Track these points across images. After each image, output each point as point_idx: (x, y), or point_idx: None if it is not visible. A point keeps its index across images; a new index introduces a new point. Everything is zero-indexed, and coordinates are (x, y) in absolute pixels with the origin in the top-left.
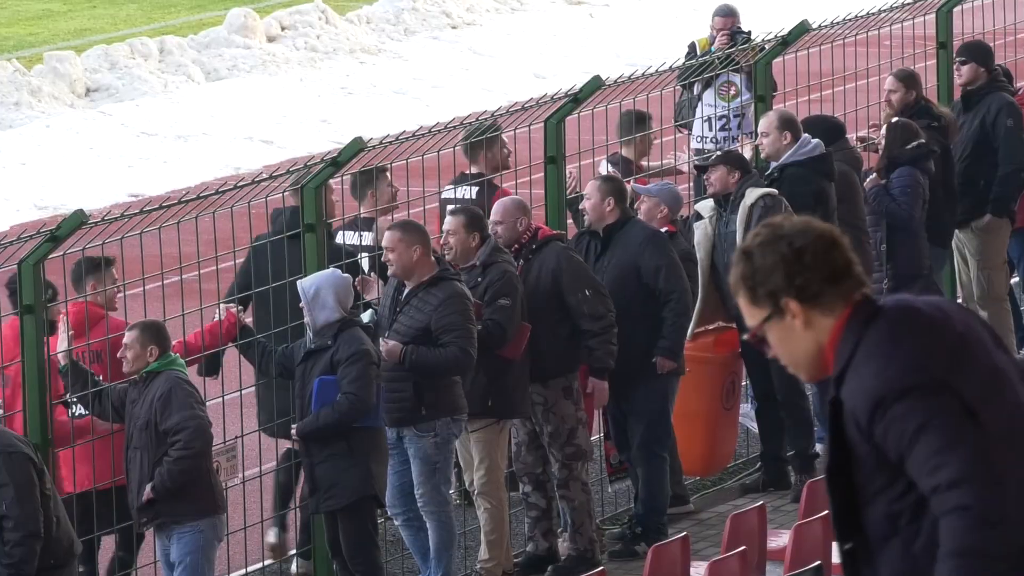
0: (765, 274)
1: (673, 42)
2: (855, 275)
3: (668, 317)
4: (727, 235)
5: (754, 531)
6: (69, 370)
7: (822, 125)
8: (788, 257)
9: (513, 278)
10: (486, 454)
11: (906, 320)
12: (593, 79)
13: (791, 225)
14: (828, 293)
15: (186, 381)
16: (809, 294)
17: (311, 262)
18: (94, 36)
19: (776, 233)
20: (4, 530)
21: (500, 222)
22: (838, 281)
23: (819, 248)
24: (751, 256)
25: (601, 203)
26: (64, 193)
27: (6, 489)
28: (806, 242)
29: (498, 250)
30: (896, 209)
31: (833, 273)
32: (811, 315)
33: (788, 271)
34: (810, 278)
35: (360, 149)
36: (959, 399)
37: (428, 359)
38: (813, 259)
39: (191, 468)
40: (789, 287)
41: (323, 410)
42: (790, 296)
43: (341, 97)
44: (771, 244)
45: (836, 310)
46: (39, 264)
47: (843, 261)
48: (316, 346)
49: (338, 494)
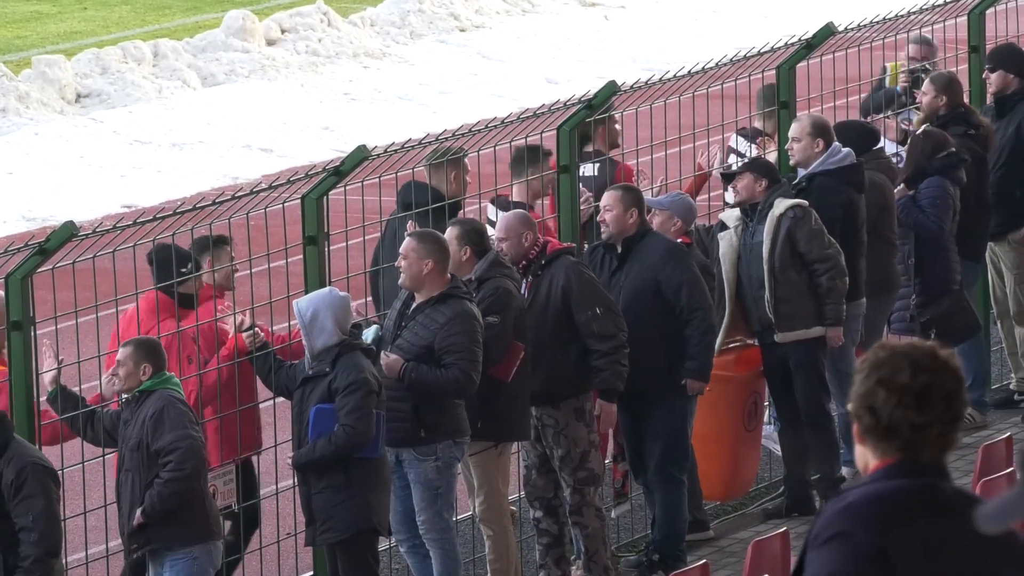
0: (857, 382)
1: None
2: (920, 442)
3: (694, 336)
4: (753, 246)
5: (777, 558)
6: (58, 395)
7: (854, 132)
8: (868, 388)
9: (505, 295)
10: (484, 480)
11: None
12: (608, 85)
13: (909, 365)
14: (872, 441)
15: (180, 400)
16: (860, 429)
17: (312, 278)
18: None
19: (890, 360)
20: (24, 544)
21: (504, 238)
22: (888, 439)
23: (896, 403)
24: (876, 358)
25: (624, 214)
26: (53, 204)
27: (35, 501)
28: (887, 390)
29: (497, 265)
30: (924, 221)
31: (888, 431)
32: (865, 444)
33: (859, 400)
34: (866, 419)
35: (364, 158)
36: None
37: (428, 379)
38: (883, 408)
39: (183, 491)
40: (855, 411)
41: (320, 441)
42: (854, 418)
43: (344, 103)
44: (878, 366)
45: (882, 459)
46: (27, 278)
47: (911, 426)
48: (314, 372)
49: (335, 527)
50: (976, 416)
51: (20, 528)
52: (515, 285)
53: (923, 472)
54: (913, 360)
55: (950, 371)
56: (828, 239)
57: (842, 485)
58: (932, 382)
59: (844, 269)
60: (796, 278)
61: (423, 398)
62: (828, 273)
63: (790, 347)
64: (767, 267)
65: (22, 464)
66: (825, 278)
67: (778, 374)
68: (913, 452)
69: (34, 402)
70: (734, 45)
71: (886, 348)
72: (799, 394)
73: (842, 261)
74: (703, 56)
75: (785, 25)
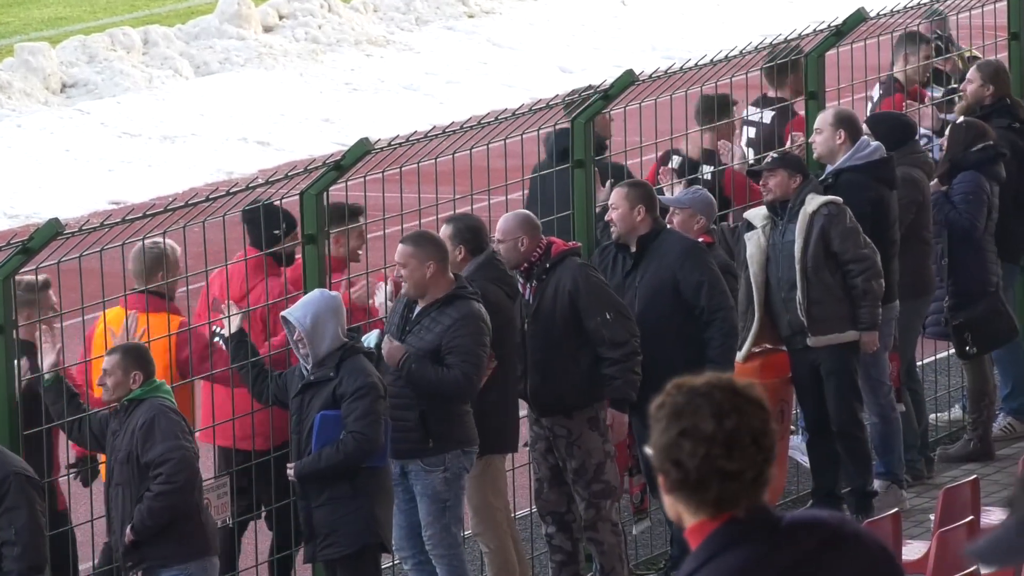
0: (655, 434)
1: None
2: (731, 491)
3: (715, 338)
4: (784, 246)
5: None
6: (51, 387)
7: (888, 124)
8: (670, 441)
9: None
10: (473, 492)
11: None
12: (625, 74)
13: (712, 411)
14: (683, 495)
15: (172, 409)
16: (667, 484)
17: (311, 279)
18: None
19: (687, 407)
20: (7, 558)
21: (501, 240)
22: (700, 492)
23: (704, 453)
24: (669, 399)
25: (630, 212)
26: (37, 200)
27: (17, 513)
28: (693, 441)
29: (487, 267)
30: (956, 218)
31: (699, 483)
32: (675, 499)
33: (660, 454)
34: (673, 474)
35: (366, 151)
36: None
37: (427, 375)
38: (689, 460)
39: (174, 505)
40: (659, 464)
41: (325, 449)
42: (660, 471)
43: (345, 94)
44: (677, 415)
45: (694, 516)
46: (8, 279)
47: (720, 476)
48: (316, 377)
49: (338, 542)
50: (1016, 425)
51: (2, 542)
52: (504, 290)
53: (748, 537)
54: (715, 403)
55: (754, 407)
56: (863, 239)
57: (874, 500)
58: (738, 425)
59: (880, 270)
60: (830, 279)
61: (429, 405)
62: (863, 275)
63: (821, 353)
64: (799, 267)
65: (4, 474)
66: (860, 279)
67: (807, 381)
68: (729, 505)
69: (16, 407)
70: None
71: (682, 390)
72: (830, 402)
73: (878, 262)
74: (726, 43)
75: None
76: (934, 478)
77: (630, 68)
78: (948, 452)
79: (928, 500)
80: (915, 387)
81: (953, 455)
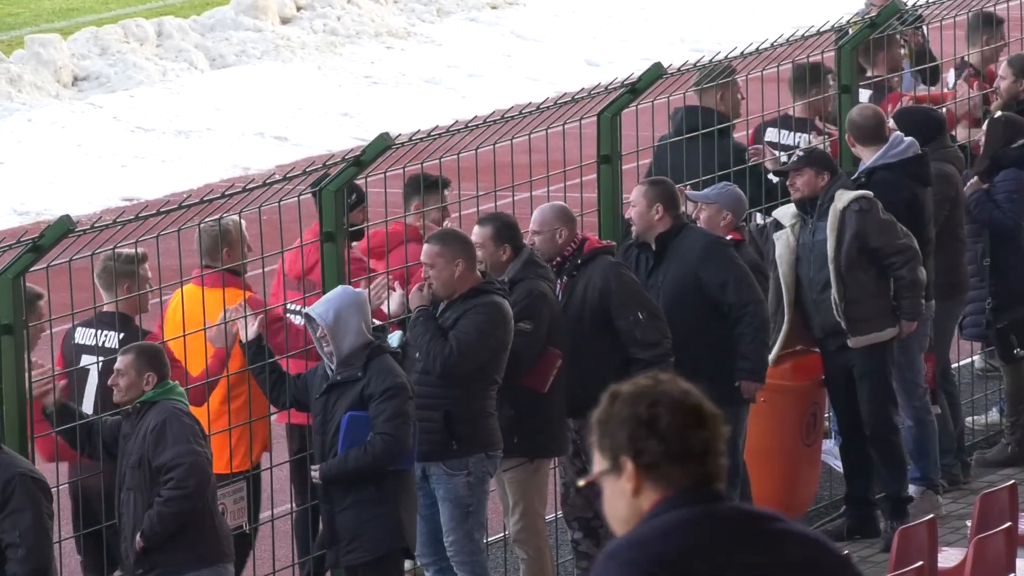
0: (615, 425)
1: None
2: (706, 463)
3: (746, 333)
4: (815, 245)
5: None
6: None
7: (918, 119)
8: (641, 418)
9: (539, 299)
10: (520, 497)
11: (683, 527)
12: (654, 67)
13: (668, 387)
14: (664, 469)
15: (185, 412)
16: (645, 463)
17: (329, 278)
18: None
19: (645, 391)
20: (11, 561)
21: (537, 232)
22: (683, 461)
23: (678, 422)
24: (613, 401)
25: (648, 210)
26: (48, 197)
27: (22, 515)
28: (667, 410)
29: (531, 264)
30: (1001, 217)
31: (682, 451)
32: (644, 485)
33: (634, 432)
34: (653, 448)
35: (386, 147)
36: None
37: (425, 333)
38: (667, 430)
39: (185, 511)
40: (629, 447)
41: (352, 451)
42: (628, 457)
43: (365, 87)
44: (633, 397)
45: (667, 489)
46: (19, 278)
47: (700, 444)
48: (343, 377)
49: (363, 546)
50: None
51: (7, 545)
52: (550, 286)
53: (698, 499)
54: (654, 392)
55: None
56: (900, 228)
57: (909, 506)
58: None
59: (921, 258)
60: (864, 277)
61: (454, 406)
62: (908, 265)
63: (854, 355)
64: (832, 267)
65: (9, 475)
66: (905, 270)
67: (840, 384)
68: (697, 477)
69: (27, 410)
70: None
71: (622, 394)
72: (863, 405)
73: (918, 249)
74: (756, 35)
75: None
76: (971, 483)
77: (658, 61)
78: (985, 456)
79: (964, 506)
80: (950, 389)
81: (990, 459)
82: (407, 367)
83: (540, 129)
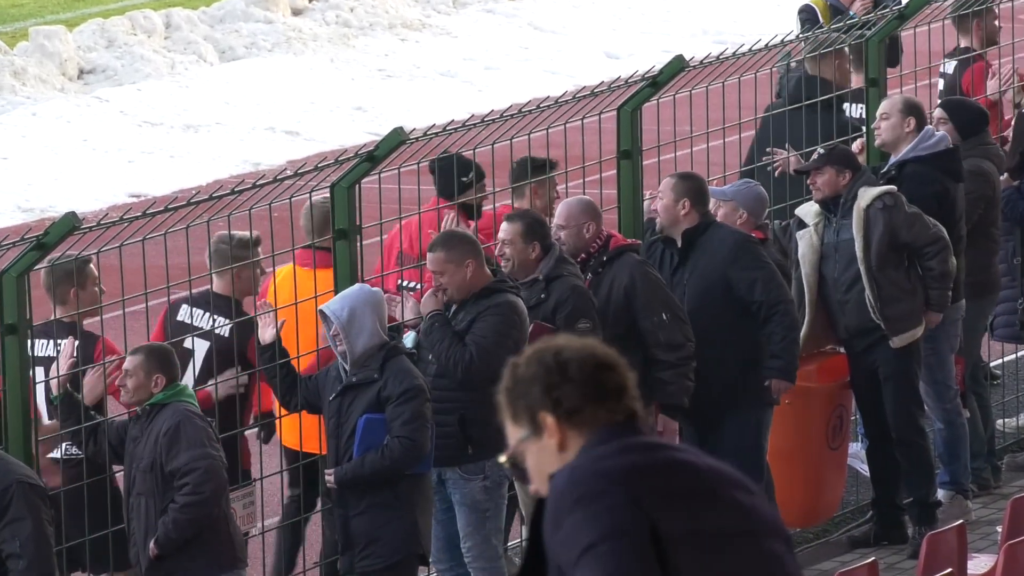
0: (525, 386)
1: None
2: (625, 401)
3: (777, 332)
4: (839, 244)
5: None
6: (62, 400)
7: (968, 112)
8: (550, 367)
9: (588, 297)
10: None
11: (629, 449)
12: (675, 60)
13: (568, 341)
14: (588, 412)
15: (197, 415)
16: (566, 409)
17: (343, 273)
18: (88, 8)
19: (546, 346)
20: (12, 572)
21: (563, 227)
22: (602, 400)
23: (588, 363)
24: (515, 367)
25: (675, 205)
26: (53, 193)
27: (22, 524)
28: (574, 356)
29: (564, 261)
30: None
31: (598, 391)
32: (568, 435)
33: (548, 382)
34: (570, 392)
35: (401, 141)
36: (648, 536)
37: (444, 340)
38: (578, 373)
39: (200, 517)
40: (546, 400)
41: (369, 455)
42: (547, 411)
43: (379, 80)
44: (536, 355)
45: (594, 432)
46: (23, 276)
47: (614, 384)
48: (359, 379)
49: (378, 552)
50: None
51: (7, 555)
52: (583, 282)
53: (625, 431)
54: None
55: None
56: (928, 219)
57: (937, 511)
58: (571, 357)
59: (951, 248)
60: (896, 275)
61: (470, 410)
62: (939, 255)
63: (880, 356)
64: (863, 267)
65: (7, 483)
66: (936, 261)
67: (866, 385)
68: (617, 416)
69: (31, 413)
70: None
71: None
72: (889, 408)
73: (948, 240)
74: (780, 27)
75: None
76: (1001, 488)
77: (680, 53)
78: (1016, 460)
79: (995, 511)
80: (980, 391)
81: (1022, 463)
82: (421, 369)
83: (558, 123)
